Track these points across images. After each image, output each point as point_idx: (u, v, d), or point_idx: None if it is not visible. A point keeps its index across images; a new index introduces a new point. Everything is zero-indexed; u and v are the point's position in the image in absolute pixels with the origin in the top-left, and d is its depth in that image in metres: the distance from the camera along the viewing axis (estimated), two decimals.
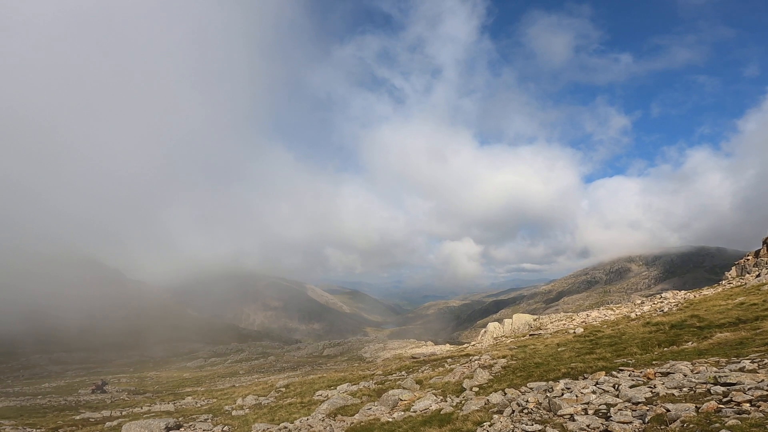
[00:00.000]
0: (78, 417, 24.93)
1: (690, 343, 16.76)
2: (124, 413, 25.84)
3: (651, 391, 9.82)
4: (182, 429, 20.07)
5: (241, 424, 19.98)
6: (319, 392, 23.62)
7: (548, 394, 11.94)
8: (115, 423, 22.10)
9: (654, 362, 13.75)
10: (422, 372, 24.49)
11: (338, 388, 23.58)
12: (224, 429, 19.51)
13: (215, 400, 28.36)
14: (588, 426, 8.73)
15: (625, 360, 15.52)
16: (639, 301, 37.43)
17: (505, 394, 14.14)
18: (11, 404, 31.67)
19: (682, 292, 35.39)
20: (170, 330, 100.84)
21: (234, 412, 22.78)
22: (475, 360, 22.42)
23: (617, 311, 33.96)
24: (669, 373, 11.11)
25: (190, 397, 31.03)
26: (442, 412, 14.25)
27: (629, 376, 12.14)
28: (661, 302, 31.95)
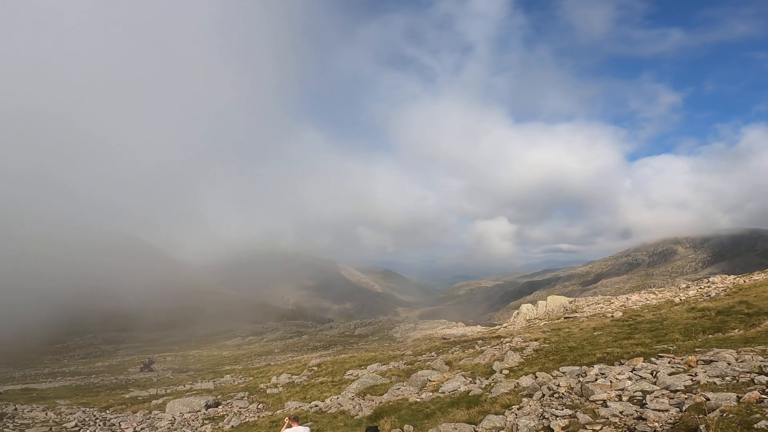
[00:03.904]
0: (127, 395, 26.67)
1: (737, 330, 15.90)
2: (168, 391, 27.39)
3: (691, 379, 9.39)
4: (220, 406, 21.09)
5: (275, 401, 20.75)
6: (350, 371, 24.10)
7: (581, 379, 11.63)
8: (160, 401, 23.43)
9: (697, 349, 13.11)
10: (452, 353, 24.48)
11: (368, 367, 23.96)
12: (259, 406, 20.33)
13: (251, 378, 29.52)
14: (621, 413, 8.46)
15: (665, 346, 14.88)
16: (684, 286, 35.69)
17: (536, 377, 13.90)
18: (67, 383, 34.17)
19: (731, 276, 33.47)
20: (211, 309, 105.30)
21: (269, 390, 23.66)
22: (507, 342, 22.16)
23: (660, 295, 32.61)
24: (712, 361, 10.57)
25: (228, 375, 32.44)
26: (470, 394, 14.19)
27: (669, 363, 11.65)
28: (708, 287, 30.34)
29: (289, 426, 10.64)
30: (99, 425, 19.42)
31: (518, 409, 10.64)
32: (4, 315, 72.65)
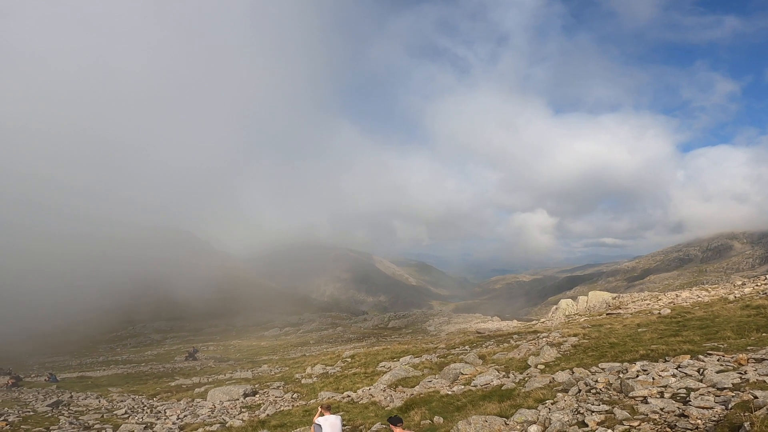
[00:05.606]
0: (173, 383, 28.29)
1: None
2: (210, 380, 28.79)
3: (740, 377, 8.88)
4: (258, 395, 21.85)
5: (308, 391, 21.22)
6: (383, 363, 24.25)
7: (621, 375, 11.20)
8: (202, 389, 24.61)
9: (749, 348, 12.34)
10: (486, 347, 24.11)
11: (401, 360, 24.01)
12: (294, 396, 20.87)
13: (287, 368, 30.32)
14: (662, 409, 8.08)
15: (715, 344, 14.03)
16: (740, 282, 33.41)
17: (573, 373, 13.48)
18: (119, 371, 36.49)
19: None
20: (251, 300, 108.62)
21: (303, 380, 24.22)
22: (543, 337, 21.60)
23: (713, 292, 30.68)
24: (764, 360, 9.97)
25: (266, 365, 33.50)
26: (503, 388, 13.93)
27: (718, 360, 11.03)
28: (765, 284, 28.28)
29: (322, 415, 10.83)
30: (146, 412, 20.60)
31: (552, 403, 10.35)
32: (73, 312, 78.49)
